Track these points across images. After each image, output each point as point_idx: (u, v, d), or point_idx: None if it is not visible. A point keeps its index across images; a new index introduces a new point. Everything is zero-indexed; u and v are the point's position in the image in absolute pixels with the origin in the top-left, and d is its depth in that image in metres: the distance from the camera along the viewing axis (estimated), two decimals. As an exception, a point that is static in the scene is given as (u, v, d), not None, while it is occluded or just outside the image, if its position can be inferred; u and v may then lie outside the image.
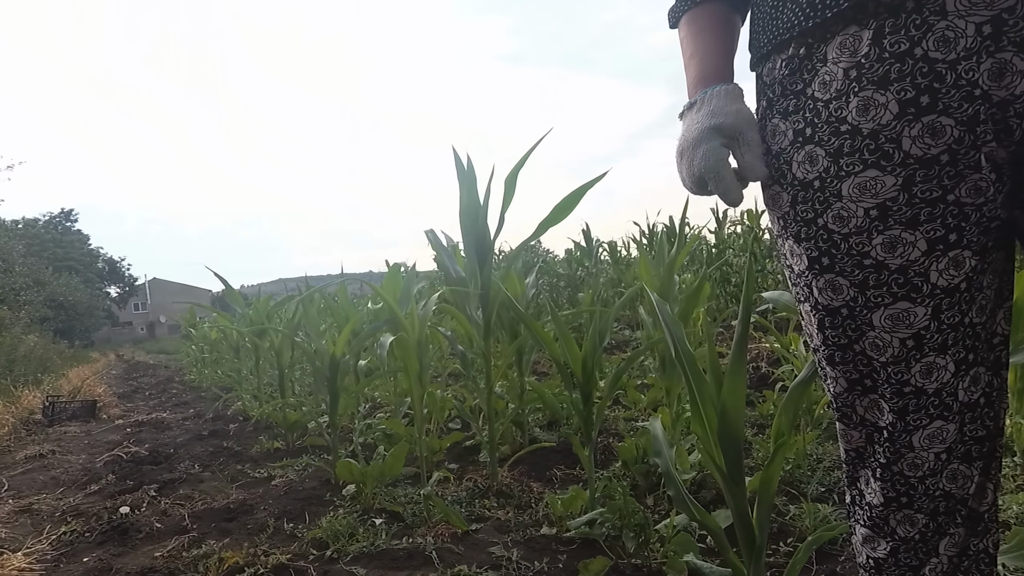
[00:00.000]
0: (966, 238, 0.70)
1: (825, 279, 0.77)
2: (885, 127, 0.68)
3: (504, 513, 2.03)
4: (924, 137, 0.67)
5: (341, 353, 2.42)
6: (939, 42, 0.65)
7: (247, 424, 4.28)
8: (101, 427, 4.89)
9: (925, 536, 0.80)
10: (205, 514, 2.28)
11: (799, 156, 0.76)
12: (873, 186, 0.70)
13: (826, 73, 0.72)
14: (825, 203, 0.74)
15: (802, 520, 1.72)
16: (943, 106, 0.66)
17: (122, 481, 2.95)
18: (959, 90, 0.65)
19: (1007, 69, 0.63)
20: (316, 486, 2.50)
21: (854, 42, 0.69)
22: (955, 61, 0.65)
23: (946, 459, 0.78)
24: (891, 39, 0.67)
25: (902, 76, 0.67)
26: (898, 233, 0.71)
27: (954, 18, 0.64)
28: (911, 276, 0.72)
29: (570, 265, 7.83)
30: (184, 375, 9.53)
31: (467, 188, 2.34)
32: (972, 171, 0.68)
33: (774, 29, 0.78)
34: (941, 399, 0.76)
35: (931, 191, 0.69)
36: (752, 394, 3.09)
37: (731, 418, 1.03)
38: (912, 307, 0.73)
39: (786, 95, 0.77)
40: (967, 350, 0.75)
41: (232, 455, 3.34)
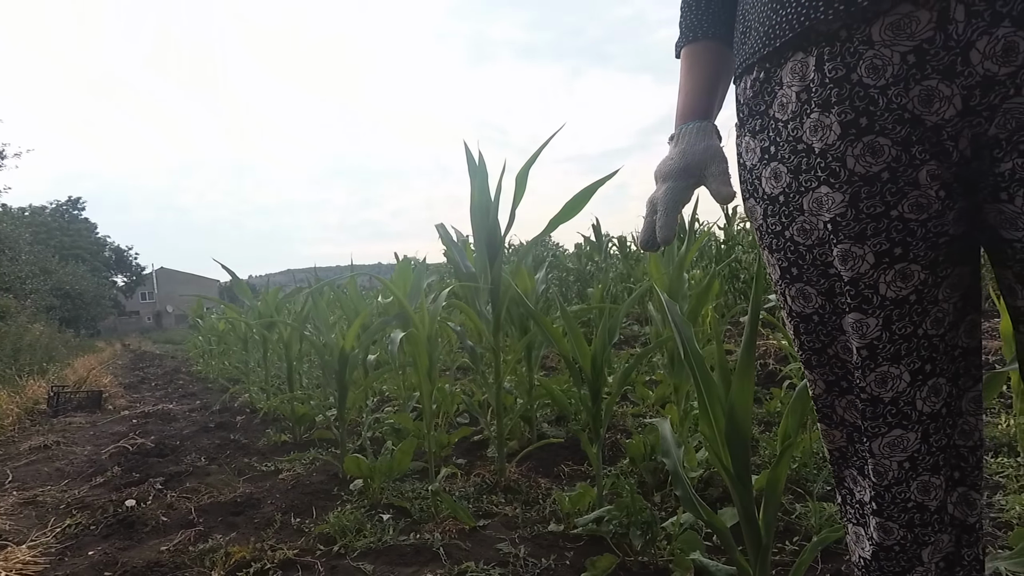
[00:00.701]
0: (912, 252, 0.73)
1: (796, 288, 0.82)
2: (831, 147, 0.72)
3: (512, 509, 2.03)
4: (865, 156, 0.71)
5: (351, 347, 2.42)
6: (870, 69, 0.69)
7: (254, 416, 4.29)
8: (107, 418, 4.91)
9: (904, 546, 0.81)
10: (212, 508, 2.29)
11: (766, 172, 0.81)
12: (826, 201, 0.74)
13: (783, 96, 0.77)
14: (790, 216, 0.79)
15: (808, 519, 1.71)
16: (879, 127, 0.70)
17: (128, 473, 2.96)
18: (891, 113, 0.69)
19: (934, 95, 0.67)
20: (323, 480, 2.51)
21: (802, 67, 0.74)
22: (885, 86, 0.68)
23: (910, 468, 0.79)
24: (830, 65, 0.71)
25: (841, 99, 0.71)
26: (848, 247, 0.74)
27: (880, 47, 0.68)
28: (861, 288, 0.75)
29: (579, 260, 7.82)
30: (191, 366, 9.57)
31: (478, 184, 2.33)
32: (912, 188, 0.71)
33: (742, 54, 0.84)
34: (898, 408, 0.78)
35: (875, 207, 0.72)
36: (760, 391, 3.08)
37: (739, 419, 1.02)
38: (864, 318, 0.76)
39: (753, 115, 0.82)
40: (923, 361, 0.77)
41: (239, 448, 3.35)
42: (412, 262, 3.11)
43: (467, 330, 2.71)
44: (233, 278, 4.55)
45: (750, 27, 0.81)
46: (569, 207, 2.27)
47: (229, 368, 6.85)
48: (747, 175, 0.85)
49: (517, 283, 2.62)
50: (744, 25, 0.83)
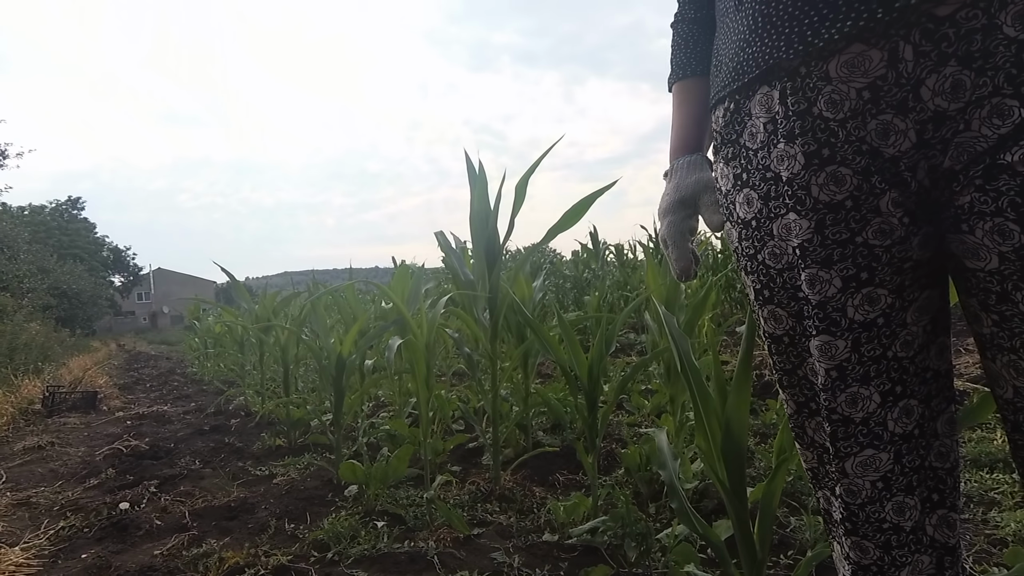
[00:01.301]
0: (878, 277, 0.75)
1: (767, 310, 0.84)
2: (797, 176, 0.75)
3: (506, 518, 2.03)
4: (829, 185, 0.73)
5: (348, 352, 2.42)
6: (828, 103, 0.71)
7: (249, 420, 4.28)
8: (101, 419, 4.90)
9: (881, 567, 0.82)
10: (206, 512, 2.28)
11: (739, 198, 0.83)
12: (795, 227, 0.76)
13: (752, 126, 0.80)
14: (761, 240, 0.81)
15: (803, 533, 1.71)
16: (840, 158, 0.72)
17: (122, 475, 2.95)
18: (851, 145, 0.71)
19: (891, 129, 0.69)
20: (318, 486, 2.50)
21: (768, 100, 0.77)
22: (843, 120, 0.71)
23: (883, 488, 0.80)
24: (792, 99, 0.74)
25: (804, 131, 0.73)
26: (815, 271, 0.76)
27: (837, 83, 0.70)
28: (829, 311, 0.77)
29: (577, 267, 7.82)
30: (186, 367, 9.55)
31: (478, 192, 2.34)
32: (874, 215, 0.73)
33: (715, 86, 0.87)
34: (869, 428, 0.79)
35: (840, 233, 0.74)
36: (756, 402, 3.08)
37: (735, 432, 1.02)
38: (833, 340, 0.77)
39: (726, 143, 0.85)
40: (893, 383, 0.78)
41: (234, 451, 3.34)
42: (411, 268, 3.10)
43: (464, 336, 2.71)
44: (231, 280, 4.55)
45: (722, 62, 0.85)
46: (568, 216, 2.28)
47: (225, 370, 6.84)
48: (723, 200, 0.88)
49: (515, 291, 2.63)
50: (717, 59, 0.87)
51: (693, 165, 0.95)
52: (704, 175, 0.94)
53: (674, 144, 0.99)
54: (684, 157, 0.96)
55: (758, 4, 0.77)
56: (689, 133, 0.98)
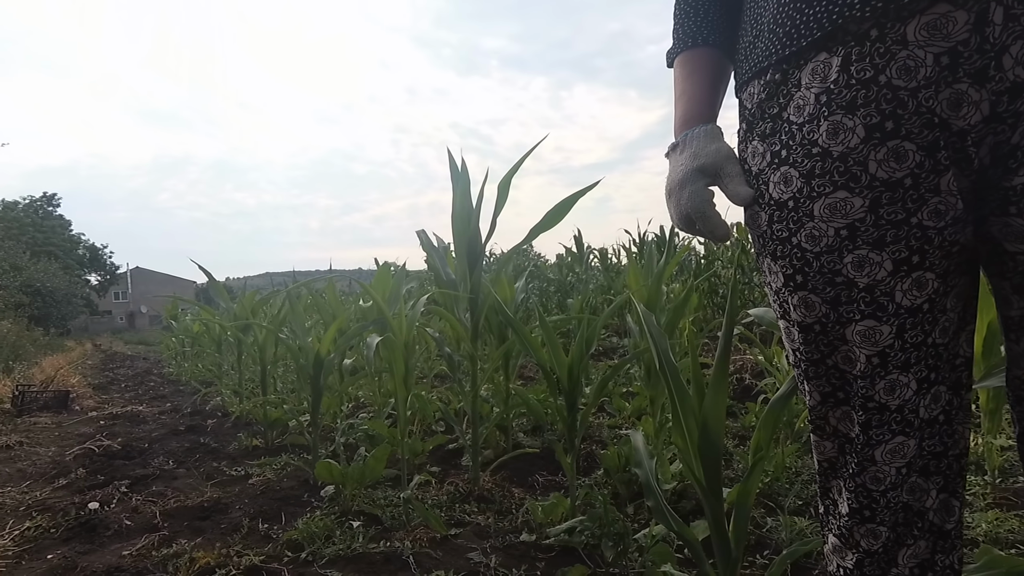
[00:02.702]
0: (929, 260, 0.73)
1: (799, 296, 0.80)
2: (853, 150, 0.71)
3: (484, 518, 2.01)
4: (889, 161, 0.70)
5: (327, 351, 2.39)
6: (901, 70, 0.67)
7: (226, 420, 4.21)
8: (73, 419, 4.80)
9: (887, 547, 0.82)
10: (178, 512, 2.24)
11: (775, 177, 0.79)
12: (843, 207, 0.73)
13: (799, 98, 0.75)
14: (799, 222, 0.77)
15: (779, 533, 1.72)
16: (906, 132, 0.69)
17: (92, 476, 2.89)
18: (920, 117, 0.68)
19: (963, 99, 0.66)
20: (294, 486, 2.47)
21: (824, 68, 0.72)
22: (916, 89, 0.67)
23: (906, 473, 0.80)
24: (857, 66, 0.70)
25: (868, 102, 0.69)
26: (866, 253, 0.73)
27: (914, 48, 0.66)
28: (877, 295, 0.74)
29: (561, 270, 7.83)
30: (163, 367, 9.41)
31: (461, 191, 2.33)
32: (932, 195, 0.70)
33: (754, 57, 0.82)
34: (903, 415, 0.78)
35: (896, 213, 0.71)
36: (736, 405, 3.10)
37: (711, 431, 1.02)
38: (878, 325, 0.75)
39: (764, 118, 0.80)
40: (929, 369, 0.77)
41: (209, 452, 3.28)
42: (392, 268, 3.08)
43: (446, 337, 2.69)
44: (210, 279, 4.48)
45: (762, 31, 0.80)
46: (550, 216, 2.27)
47: (202, 370, 6.75)
48: (752, 181, 0.83)
49: (497, 291, 2.62)
50: (756, 30, 0.82)
51: (711, 134, 0.88)
52: (725, 145, 0.87)
53: (683, 116, 0.92)
54: (699, 126, 0.89)
55: None
56: (702, 104, 0.92)
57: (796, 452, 2.28)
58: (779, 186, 0.78)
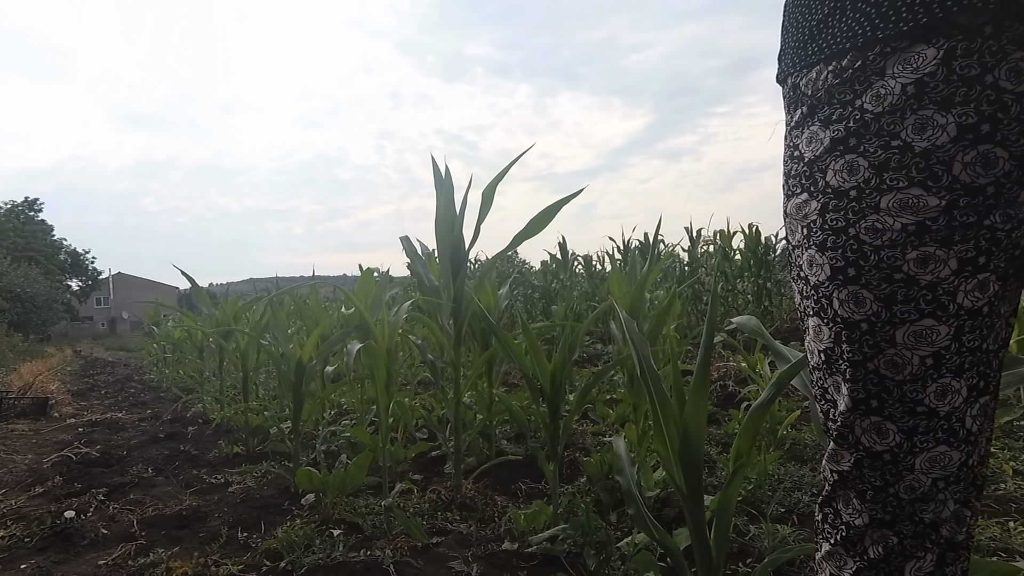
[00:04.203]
0: (993, 262, 0.71)
1: (848, 291, 0.76)
2: (939, 148, 0.68)
3: (466, 527, 2.00)
4: (976, 166, 0.67)
5: (308, 358, 2.37)
6: (1012, 72, 0.64)
7: (207, 427, 4.16)
8: (51, 426, 4.72)
9: (889, 558, 0.79)
10: (156, 521, 2.20)
11: (836, 164, 0.75)
12: (915, 204, 0.70)
13: (881, 87, 0.71)
14: (860, 213, 0.73)
15: (761, 541, 1.72)
16: (1001, 137, 0.66)
17: (69, 484, 2.84)
18: (1020, 123, 0.65)
19: None
20: (275, 494, 2.44)
21: (918, 59, 0.68)
22: (1023, 94, 0.64)
23: (943, 487, 0.77)
24: (962, 62, 0.66)
25: (967, 100, 0.66)
26: (932, 250, 0.70)
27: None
28: (939, 294, 0.71)
29: (545, 277, 7.84)
30: (144, 374, 9.29)
31: (444, 197, 2.32)
32: (1009, 205, 0.68)
33: (826, 38, 0.77)
34: (950, 424, 0.75)
35: (969, 216, 0.69)
36: (719, 412, 3.10)
37: (692, 438, 1.02)
38: (937, 325, 0.72)
39: (831, 103, 0.76)
40: (980, 376, 0.75)
41: (189, 459, 3.24)
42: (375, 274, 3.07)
43: (429, 343, 2.68)
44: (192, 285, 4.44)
45: (842, 9, 0.74)
46: (534, 223, 2.27)
47: (183, 377, 6.67)
48: (804, 169, 0.79)
49: (480, 298, 2.61)
50: (829, 7, 0.76)
51: None
52: None
53: None
54: None
55: None
56: None
57: (778, 459, 2.28)
58: (841, 174, 0.74)
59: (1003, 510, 1.82)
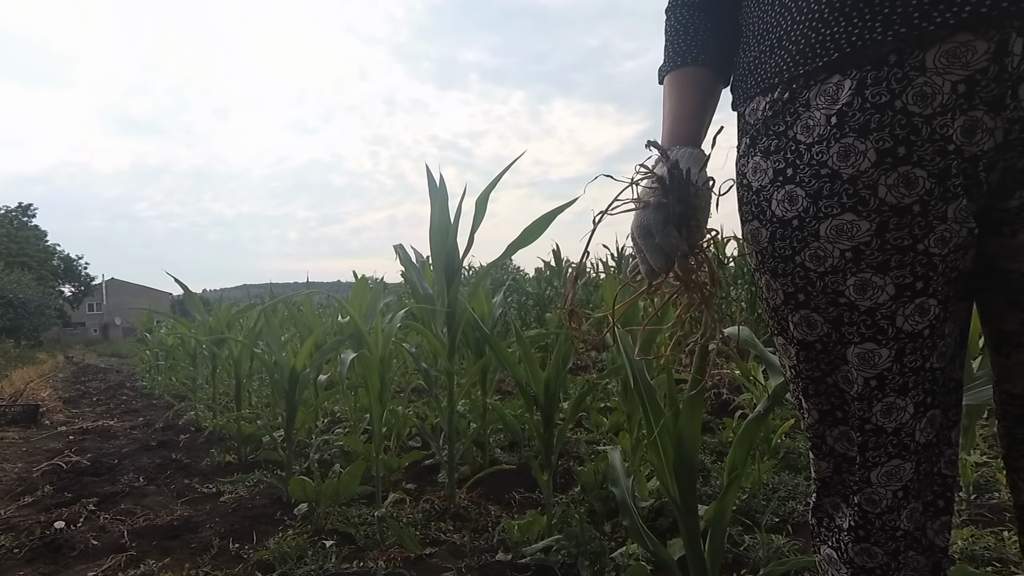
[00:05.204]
0: (932, 287, 0.73)
1: (800, 314, 0.80)
2: (863, 174, 0.71)
3: (460, 537, 1.99)
4: (899, 187, 0.70)
5: (302, 366, 2.36)
6: (917, 96, 0.67)
7: (199, 435, 4.14)
8: (42, 433, 4.68)
9: (885, 571, 0.82)
10: (146, 531, 2.18)
11: (779, 195, 0.78)
12: (849, 229, 0.73)
13: (808, 118, 0.74)
14: (803, 241, 0.76)
15: (756, 551, 1.71)
16: (918, 158, 0.69)
17: (60, 493, 2.82)
18: (933, 144, 0.68)
19: (978, 127, 0.66)
20: (267, 504, 2.42)
21: (836, 90, 0.72)
22: (931, 116, 0.67)
23: (903, 497, 0.80)
24: (873, 90, 0.69)
25: (881, 126, 0.69)
26: (869, 276, 0.73)
27: (932, 75, 0.66)
28: (878, 319, 0.74)
29: (539, 284, 7.84)
30: (136, 380, 9.23)
31: (439, 206, 2.32)
32: (939, 222, 0.71)
33: (761, 73, 0.81)
34: (899, 439, 0.78)
35: (903, 239, 0.71)
36: (713, 420, 3.10)
37: (687, 449, 1.02)
38: (878, 348, 0.75)
39: (768, 135, 0.79)
40: (926, 393, 0.77)
41: (180, 468, 3.22)
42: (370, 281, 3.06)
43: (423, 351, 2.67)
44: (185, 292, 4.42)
45: (776, 44, 0.78)
46: (528, 232, 2.27)
47: (176, 384, 6.62)
48: (753, 197, 0.82)
49: (474, 306, 2.60)
50: (763, 46, 0.80)
51: (696, 158, 0.85)
52: (704, 173, 0.85)
53: (669, 134, 0.91)
54: (685, 148, 0.86)
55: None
56: (688, 125, 0.90)
57: (773, 468, 2.28)
58: (783, 204, 0.77)
59: (997, 519, 1.82)
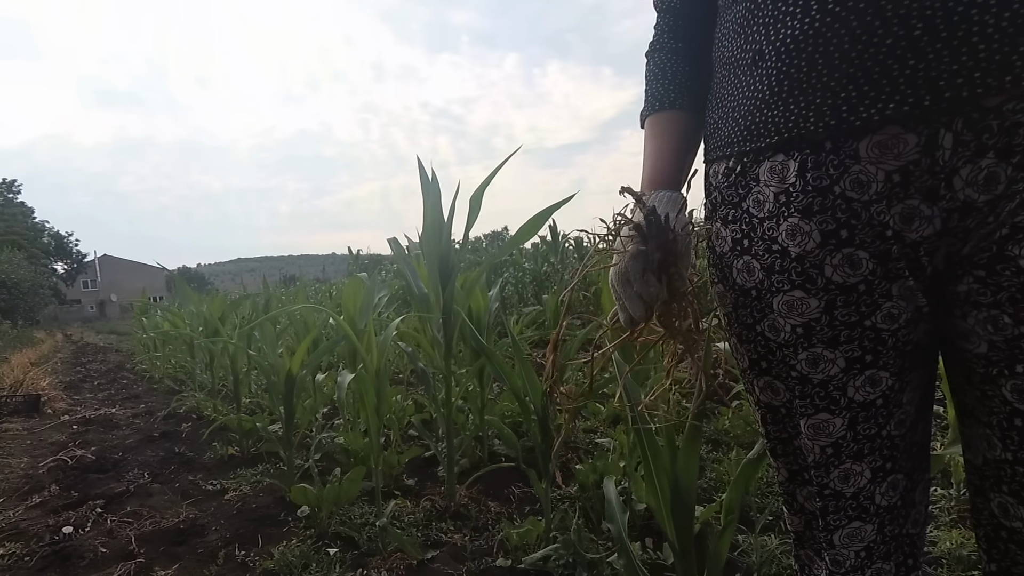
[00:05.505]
0: (882, 360, 0.74)
1: (764, 380, 0.81)
2: (809, 253, 0.72)
3: (461, 537, 2.03)
4: (844, 267, 0.71)
5: (298, 369, 2.37)
6: (854, 183, 0.68)
7: (201, 424, 4.19)
8: (45, 424, 4.72)
9: None
10: (153, 536, 2.22)
11: (738, 263, 0.79)
12: (799, 306, 0.74)
13: (759, 192, 0.75)
14: (761, 312, 0.78)
15: (749, 556, 1.74)
16: (859, 241, 0.69)
17: (66, 492, 2.86)
18: (872, 228, 0.69)
19: (915, 214, 0.67)
20: (270, 504, 2.46)
21: (783, 169, 0.72)
22: (868, 202, 0.68)
23: (866, 557, 0.81)
24: (813, 174, 0.70)
25: (824, 209, 0.70)
26: (820, 351, 0.75)
27: (866, 163, 0.67)
28: (831, 390, 0.76)
29: (536, 261, 7.83)
30: (135, 362, 9.27)
31: (431, 203, 2.30)
32: (885, 300, 0.71)
33: (718, 138, 0.82)
34: (859, 502, 0.79)
35: (850, 316, 0.72)
36: (709, 407, 3.14)
37: (683, 494, 1.04)
38: (831, 418, 0.76)
39: (726, 204, 0.80)
40: (884, 459, 0.78)
41: (184, 462, 3.26)
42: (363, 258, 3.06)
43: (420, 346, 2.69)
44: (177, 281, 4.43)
45: (728, 115, 0.79)
46: (526, 229, 2.27)
47: (175, 368, 6.66)
48: (718, 261, 0.83)
49: (471, 303, 2.61)
50: (722, 110, 0.81)
51: (674, 201, 0.84)
52: (684, 217, 0.84)
53: (648, 178, 0.90)
54: (663, 192, 0.85)
55: (784, 65, 0.70)
56: (667, 169, 0.89)
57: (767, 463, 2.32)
58: (742, 273, 0.79)
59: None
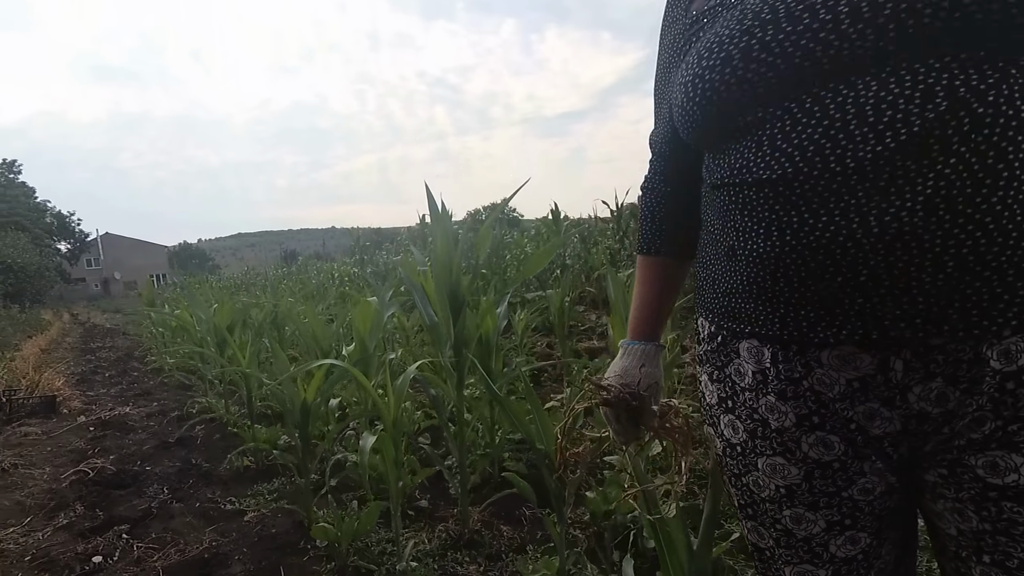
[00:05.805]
0: (861, 523, 0.78)
1: (751, 524, 0.87)
2: (787, 430, 0.77)
3: (476, 568, 2.10)
4: (818, 446, 0.76)
5: (312, 397, 2.42)
6: (820, 380, 0.73)
7: (214, 427, 4.28)
8: (62, 426, 4.81)
9: None
10: (179, 568, 2.30)
11: (724, 419, 0.84)
12: (781, 470, 0.79)
13: (740, 365, 0.80)
14: (747, 467, 0.83)
15: None
16: (830, 427, 0.74)
17: (91, 511, 2.94)
18: (839, 418, 0.74)
19: (877, 415, 0.71)
20: (289, 529, 2.54)
21: (759, 353, 0.77)
22: (834, 398, 0.73)
23: None
24: (784, 366, 0.75)
25: (796, 396, 0.75)
26: (802, 512, 0.80)
27: (829, 369, 0.71)
28: (813, 546, 0.80)
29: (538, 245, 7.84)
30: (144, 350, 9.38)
31: (441, 234, 2.32)
32: (859, 476, 0.76)
33: (703, 297, 0.86)
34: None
35: (828, 487, 0.77)
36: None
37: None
38: (815, 569, 0.81)
39: (712, 362, 0.85)
40: None
41: (201, 475, 3.34)
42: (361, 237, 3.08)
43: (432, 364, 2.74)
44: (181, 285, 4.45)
45: (711, 283, 0.83)
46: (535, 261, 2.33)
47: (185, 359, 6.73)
48: (707, 408, 0.87)
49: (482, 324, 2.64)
50: (707, 270, 0.84)
51: (648, 355, 0.94)
52: (656, 372, 0.93)
53: (631, 323, 0.99)
54: (640, 343, 0.96)
55: (753, 273, 0.74)
56: (648, 317, 0.97)
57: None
58: (728, 429, 0.84)
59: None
